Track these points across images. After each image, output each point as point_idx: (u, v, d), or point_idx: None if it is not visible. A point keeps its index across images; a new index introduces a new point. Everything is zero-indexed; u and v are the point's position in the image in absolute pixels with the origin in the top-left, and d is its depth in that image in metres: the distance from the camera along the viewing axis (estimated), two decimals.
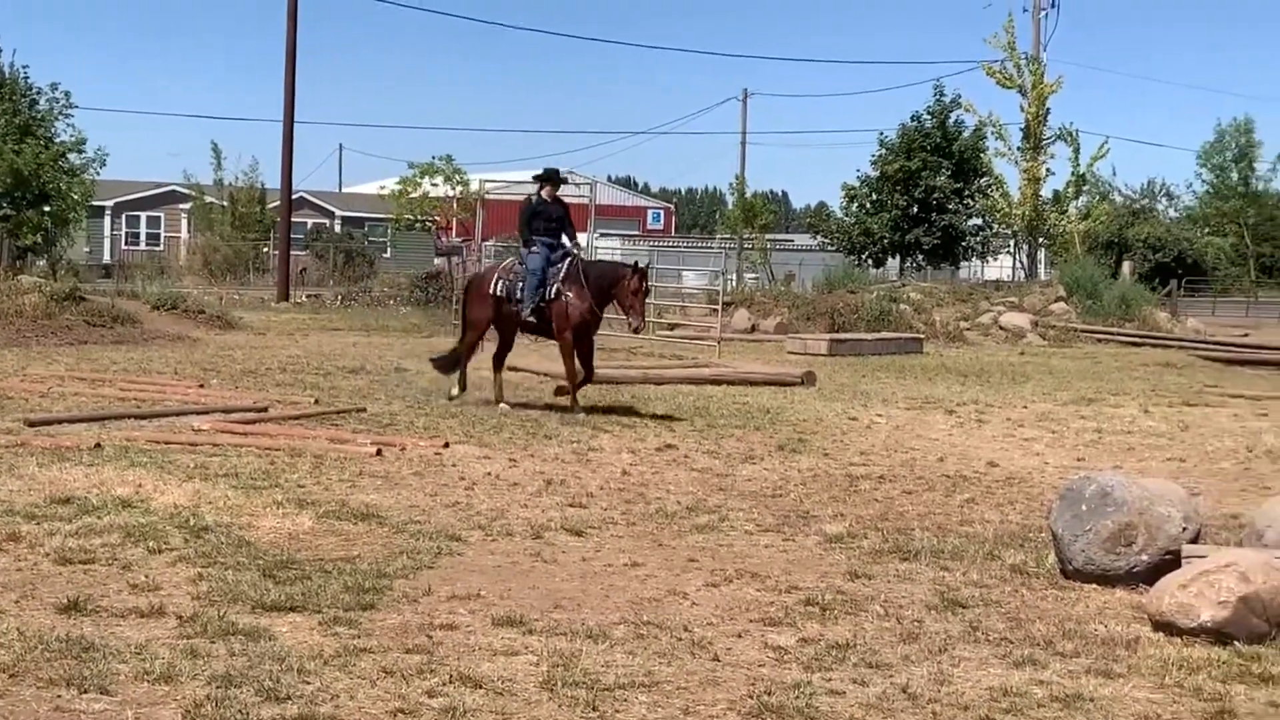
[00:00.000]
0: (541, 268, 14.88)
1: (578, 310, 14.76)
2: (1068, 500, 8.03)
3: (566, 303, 14.76)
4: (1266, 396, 20.01)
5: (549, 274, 14.86)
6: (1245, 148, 78.14)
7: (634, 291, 14.72)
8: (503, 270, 15.62)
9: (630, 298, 14.75)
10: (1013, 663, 6.28)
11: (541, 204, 15.32)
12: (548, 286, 14.82)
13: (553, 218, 15.26)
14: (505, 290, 15.19)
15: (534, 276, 14.89)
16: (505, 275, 15.36)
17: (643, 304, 15.14)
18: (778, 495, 10.64)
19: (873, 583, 7.81)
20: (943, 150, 49.12)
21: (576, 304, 14.75)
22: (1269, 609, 6.56)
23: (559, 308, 14.81)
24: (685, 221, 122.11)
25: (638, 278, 14.79)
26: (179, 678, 5.66)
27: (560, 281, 14.83)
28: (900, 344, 26.88)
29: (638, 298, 14.81)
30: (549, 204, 15.34)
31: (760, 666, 6.15)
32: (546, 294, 14.82)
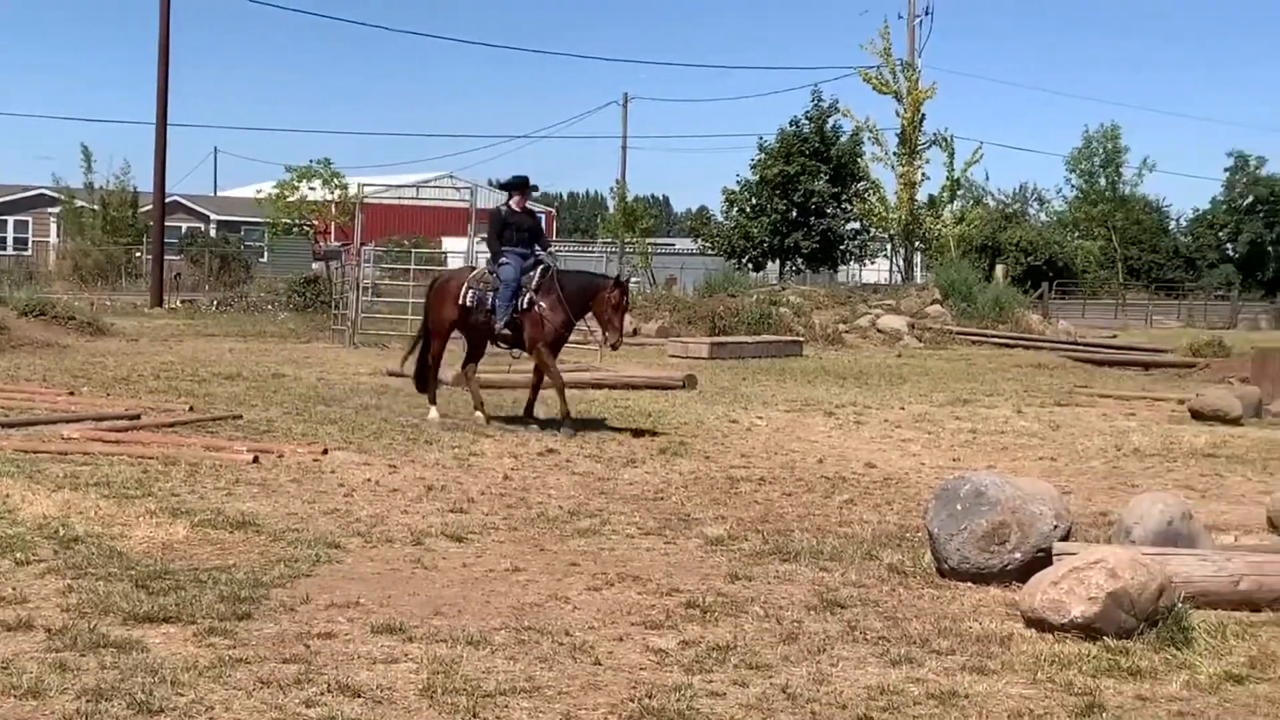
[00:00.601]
0: (515, 279, 14.36)
1: (552, 323, 14.27)
2: (943, 500, 8.15)
3: (540, 314, 14.26)
4: (1134, 396, 20.50)
5: (522, 284, 14.37)
6: (1112, 153, 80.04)
7: (614, 306, 14.13)
8: (472, 279, 14.94)
9: (610, 312, 14.15)
10: (890, 661, 6.36)
11: (511, 214, 14.78)
12: (521, 297, 14.33)
13: (524, 228, 14.77)
14: (475, 300, 14.61)
15: (507, 288, 14.35)
16: (475, 284, 14.72)
17: (622, 320, 14.51)
18: (659, 498, 10.68)
19: (753, 584, 7.86)
20: (821, 155, 49.67)
21: (551, 315, 14.24)
22: (1137, 604, 6.72)
23: (532, 319, 14.30)
24: (567, 226, 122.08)
25: (618, 292, 14.24)
26: (47, 692, 5.53)
27: (534, 291, 14.32)
28: (780, 347, 27.12)
29: (618, 313, 14.23)
30: (519, 214, 14.83)
31: (641, 669, 6.16)
32: (520, 304, 14.32)
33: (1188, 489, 11.66)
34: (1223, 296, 66.04)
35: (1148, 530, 8.14)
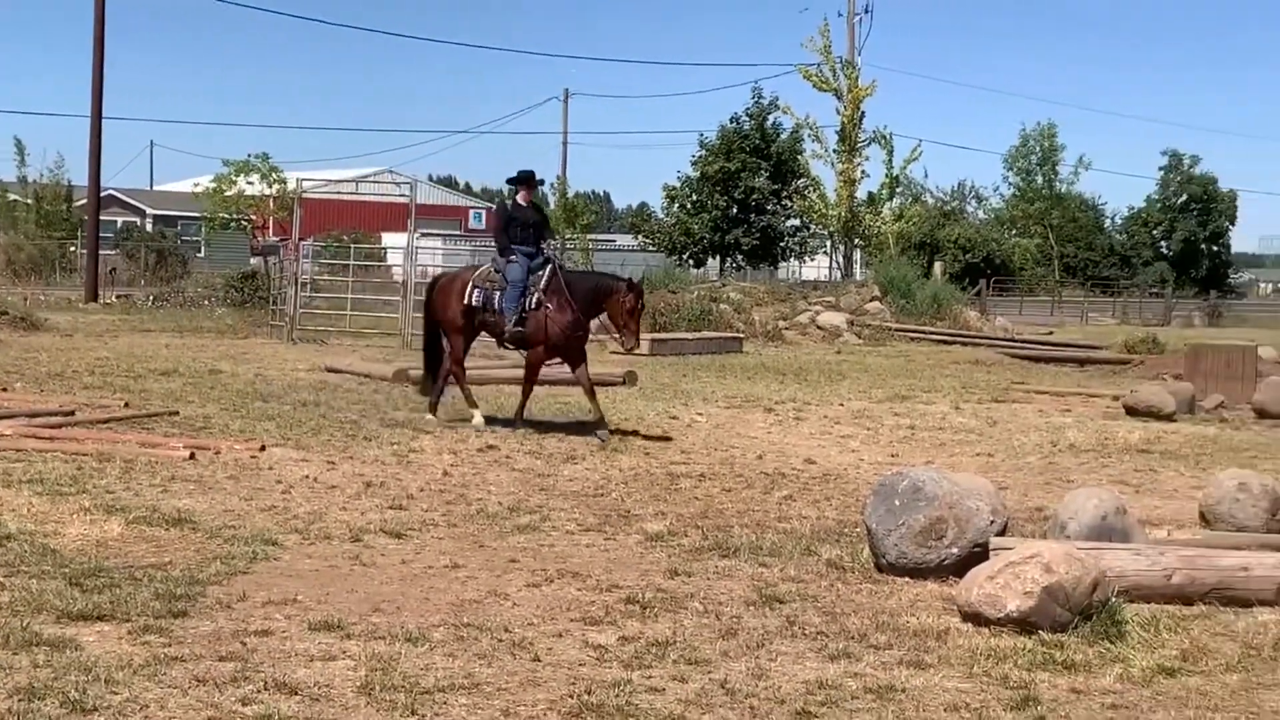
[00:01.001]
0: (523, 278, 13.90)
1: (558, 324, 13.84)
2: (881, 496, 8.21)
3: (546, 315, 13.83)
4: (1070, 393, 20.71)
5: (530, 283, 13.92)
6: (1049, 151, 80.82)
7: (629, 310, 13.74)
8: (477, 278, 14.39)
9: (625, 316, 13.77)
10: (828, 656, 6.39)
11: (517, 209, 14.38)
12: (528, 296, 13.90)
13: (529, 223, 14.30)
14: (482, 300, 14.16)
15: (515, 288, 13.92)
16: (481, 284, 14.23)
17: (638, 323, 14.06)
18: (599, 494, 10.68)
19: (693, 580, 7.88)
20: (761, 152, 49.85)
21: (558, 316, 13.82)
22: (1071, 598, 6.79)
23: (537, 320, 13.88)
24: None
25: (633, 296, 13.76)
26: None
27: (541, 291, 13.87)
28: (720, 343, 27.17)
29: (633, 317, 13.82)
30: (525, 209, 14.39)
31: (581, 665, 6.16)
32: (528, 304, 13.91)
33: (1122, 484, 11.80)
34: (1157, 294, 66.81)
35: (1083, 525, 8.23)
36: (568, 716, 5.49)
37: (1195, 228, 78.44)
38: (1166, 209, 79.95)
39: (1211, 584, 7.40)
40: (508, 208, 14.61)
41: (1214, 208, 79.24)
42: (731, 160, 49.34)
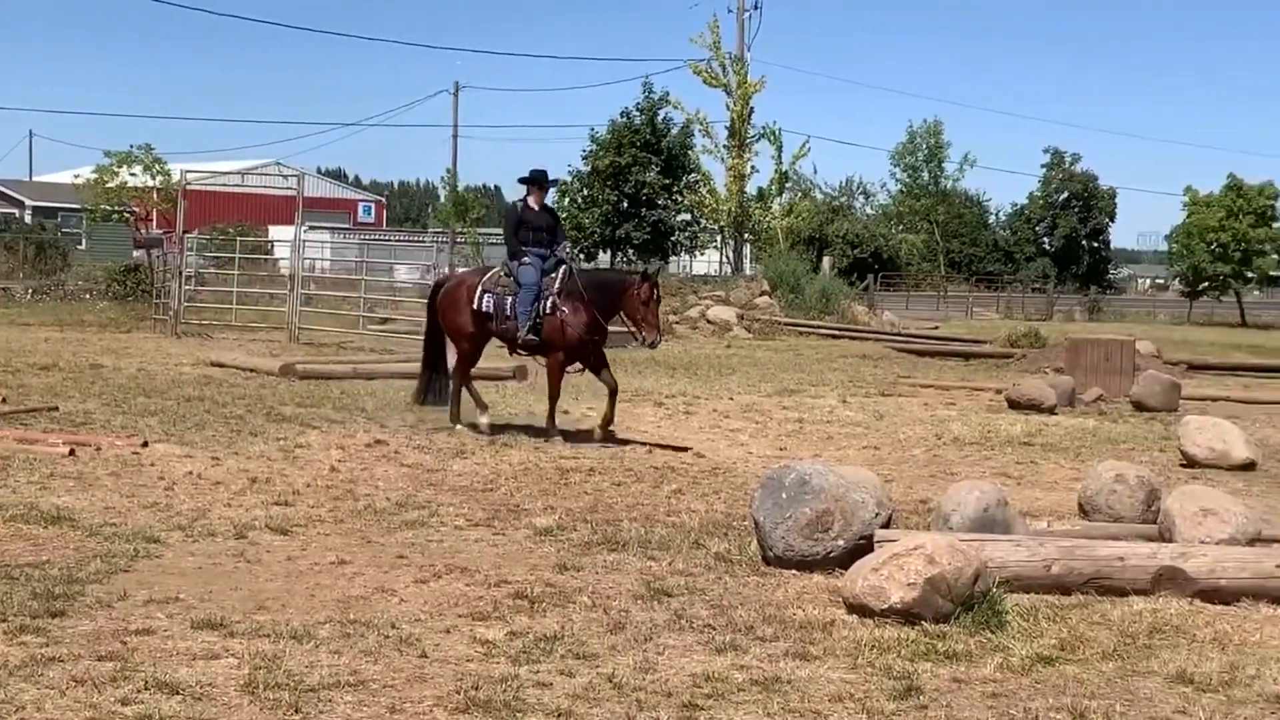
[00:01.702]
0: (536, 282, 13.40)
1: (574, 328, 13.37)
2: (769, 489, 8.27)
3: (562, 319, 13.35)
4: (954, 386, 21.02)
5: (543, 287, 13.44)
6: (935, 149, 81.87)
7: (644, 302, 13.17)
8: (487, 282, 13.82)
9: (641, 309, 13.21)
10: (715, 649, 6.43)
11: (528, 211, 13.86)
12: (542, 301, 13.40)
13: (542, 226, 13.81)
14: (492, 305, 13.63)
15: (528, 292, 13.41)
16: (492, 289, 13.68)
17: (656, 315, 13.41)
18: (488, 489, 10.64)
19: (581, 574, 7.89)
20: (652, 146, 49.95)
21: (573, 320, 13.35)
22: (953, 589, 6.89)
23: (553, 324, 13.40)
24: (397, 215, 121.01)
25: (647, 286, 13.21)
26: None
27: (555, 295, 13.39)
28: (611, 337, 27.13)
29: (649, 309, 13.22)
30: (537, 211, 13.88)
31: (468, 661, 6.14)
32: (542, 309, 13.40)
33: (1004, 476, 12.00)
34: (1039, 289, 68.09)
35: (965, 517, 8.36)
36: (455, 713, 5.47)
37: (1076, 224, 79.97)
38: (1049, 206, 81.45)
39: (1089, 574, 7.55)
40: (518, 210, 14.08)
41: (1094, 204, 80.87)
42: (622, 155, 49.39)
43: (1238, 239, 58.44)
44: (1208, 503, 8.62)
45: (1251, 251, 59.07)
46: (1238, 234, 58.36)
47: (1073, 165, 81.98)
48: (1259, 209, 59.24)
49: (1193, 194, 61.80)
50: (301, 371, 17.66)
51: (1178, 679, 6.14)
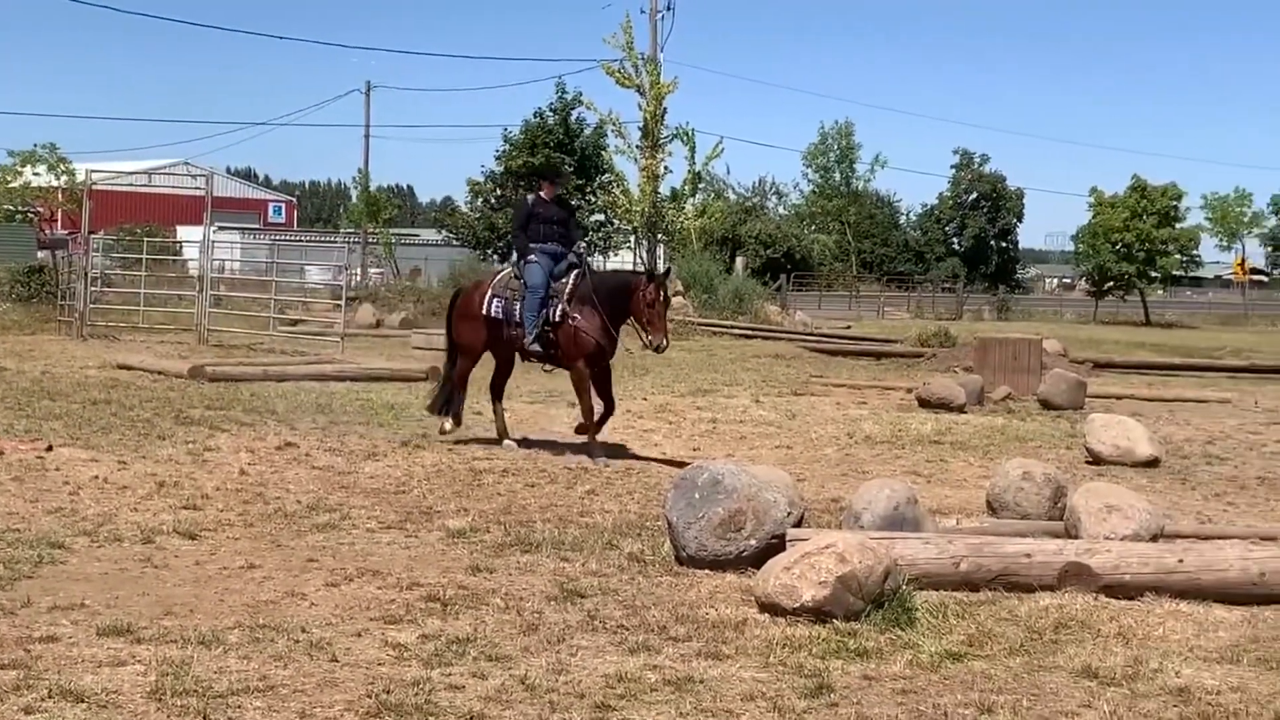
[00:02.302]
0: (543, 284, 12.52)
1: (589, 334, 12.47)
2: (682, 489, 8.30)
3: (575, 326, 12.49)
4: (866, 386, 21.20)
5: (552, 290, 12.58)
6: (846, 149, 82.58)
7: (649, 303, 12.25)
8: (497, 285, 13.05)
9: (647, 311, 12.28)
10: (628, 649, 6.44)
11: (540, 204, 12.97)
12: (551, 306, 12.55)
13: (554, 220, 12.89)
14: (502, 311, 12.83)
15: (534, 295, 12.52)
16: (501, 292, 12.89)
17: (664, 318, 12.44)
18: (401, 491, 10.58)
19: (494, 576, 7.86)
20: (565, 147, 49.97)
21: (587, 326, 12.45)
22: (864, 587, 6.96)
23: (566, 332, 12.52)
24: (308, 215, 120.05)
25: (654, 286, 12.34)
26: None
27: (566, 300, 12.53)
28: None
29: (655, 310, 12.27)
30: (549, 204, 12.99)
31: (380, 665, 6.10)
32: (551, 315, 12.54)
33: (914, 474, 12.13)
34: (949, 288, 68.85)
35: (876, 515, 8.44)
36: (366, 717, 5.43)
37: (985, 224, 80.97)
38: (958, 206, 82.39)
39: (997, 570, 7.65)
40: (528, 203, 13.28)
41: (1003, 205, 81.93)
42: (536, 155, 49.38)
43: (1142, 239, 59.39)
44: (1112, 499, 8.76)
45: (1155, 251, 60.06)
46: (1142, 234, 59.32)
47: (981, 166, 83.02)
48: (1162, 210, 60.25)
49: (1098, 195, 62.74)
50: (211, 374, 17.45)
51: (1083, 673, 6.24)
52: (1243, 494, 11.89)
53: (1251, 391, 22.34)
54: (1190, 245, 63.20)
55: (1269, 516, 10.70)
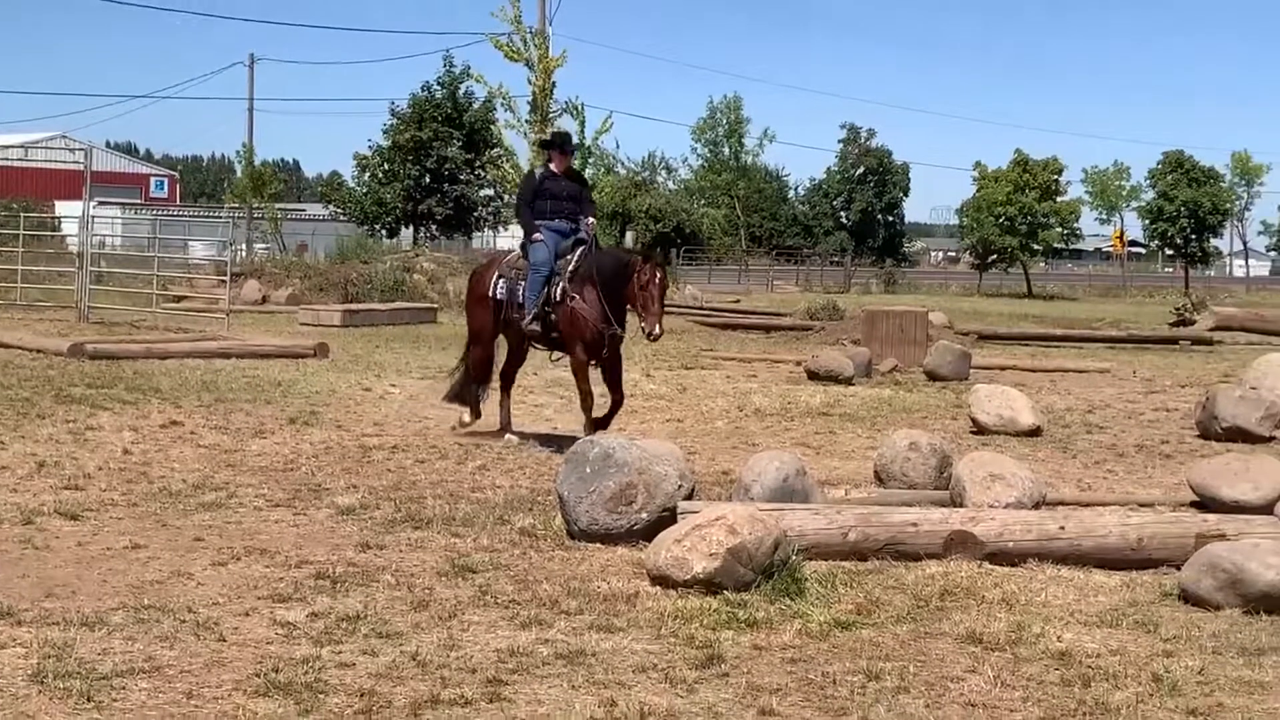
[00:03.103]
0: (547, 262, 11.71)
1: (588, 318, 11.57)
2: (573, 463, 8.30)
3: (574, 307, 11.56)
4: (755, 359, 21.35)
5: (556, 268, 11.74)
6: (735, 124, 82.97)
7: (643, 286, 11.25)
8: (504, 264, 12.30)
9: (640, 294, 11.27)
10: (520, 624, 6.44)
11: (549, 178, 12.11)
12: (553, 285, 11.73)
13: (563, 195, 12.02)
14: (507, 291, 12.05)
15: (536, 274, 11.73)
16: (506, 273, 12.12)
17: (659, 302, 11.34)
18: (289, 469, 10.47)
19: (385, 553, 7.82)
20: (454, 121, 49.60)
21: (587, 309, 11.55)
22: (754, 558, 7.02)
23: (565, 314, 11.66)
24: (192, 190, 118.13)
25: (649, 268, 11.33)
26: None
27: (568, 280, 11.64)
28: (414, 314, 26.99)
29: (647, 293, 11.24)
30: (558, 178, 12.12)
31: (268, 644, 6.04)
32: (552, 295, 11.72)
33: (804, 446, 12.24)
34: (837, 262, 69.50)
35: (765, 487, 8.51)
36: (254, 696, 5.37)
37: (872, 198, 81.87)
38: (845, 180, 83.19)
39: (885, 540, 7.76)
40: (536, 176, 12.41)
41: (889, 179, 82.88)
42: (424, 129, 48.95)
43: (1024, 212, 60.38)
44: (996, 468, 8.92)
45: (1037, 224, 61.08)
46: (1024, 207, 60.30)
47: (868, 141, 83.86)
48: (1044, 183, 61.26)
49: (982, 169, 63.65)
50: (92, 351, 17.10)
51: (968, 639, 6.35)
52: (1121, 462, 12.16)
53: (1129, 361, 22.86)
54: (1071, 218, 64.38)
55: (1147, 483, 10.96)
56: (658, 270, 11.36)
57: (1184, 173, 67.46)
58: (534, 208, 12.01)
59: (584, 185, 12.49)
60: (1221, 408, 13.37)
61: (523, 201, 12.27)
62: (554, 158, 12.28)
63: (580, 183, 12.48)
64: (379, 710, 5.25)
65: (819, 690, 5.62)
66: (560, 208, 12.00)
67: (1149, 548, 7.78)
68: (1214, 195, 67.89)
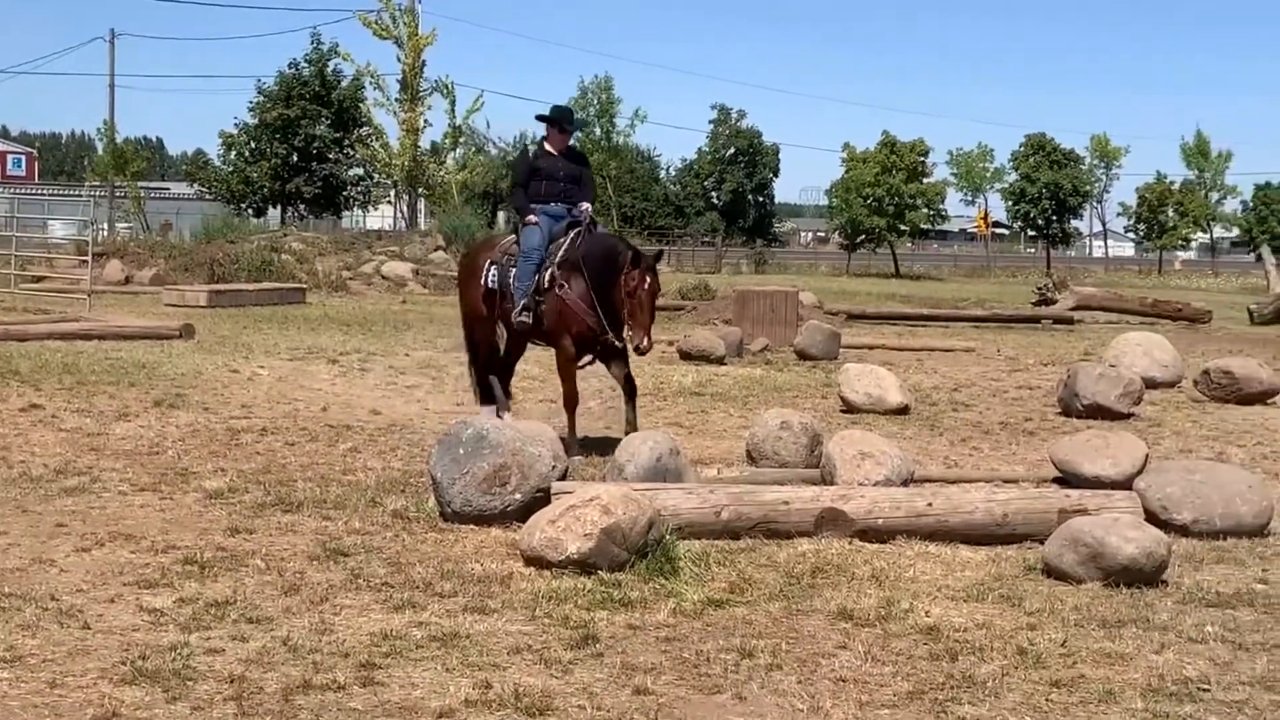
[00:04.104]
0: (539, 248, 10.67)
1: (577, 309, 10.45)
2: (446, 445, 8.25)
3: (562, 296, 10.49)
4: None
5: (548, 253, 10.69)
6: (606, 104, 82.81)
7: (630, 292, 10.00)
8: (497, 251, 11.23)
9: (628, 301, 10.04)
10: (393, 607, 6.39)
11: (543, 157, 11.09)
12: (542, 272, 10.67)
13: (560, 176, 10.99)
14: (498, 279, 11.01)
15: (527, 261, 10.68)
16: (500, 258, 11.07)
17: (649, 312, 10.04)
18: (154, 453, 10.27)
19: (254, 537, 7.71)
20: (322, 99, 48.97)
21: (576, 298, 10.43)
22: (628, 538, 7.04)
23: (553, 304, 10.57)
24: (51, 168, 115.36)
25: (639, 273, 9.99)
26: None
27: (557, 265, 10.57)
28: (283, 294, 26.61)
29: (636, 300, 9.99)
30: (554, 158, 11.06)
31: (135, 631, 5.93)
32: (541, 283, 10.65)
33: (677, 426, 12.31)
34: (709, 242, 69.88)
35: (639, 467, 8.54)
36: (120, 684, 5.27)
37: (743, 179, 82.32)
38: (717, 161, 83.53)
39: (757, 518, 7.83)
40: (530, 155, 11.44)
41: (759, 160, 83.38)
42: (291, 107, 48.24)
43: (892, 193, 61.21)
44: (865, 446, 9.04)
45: (904, 205, 61.96)
46: (892, 189, 61.12)
47: (739, 122, 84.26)
48: (911, 165, 62.15)
49: (850, 150, 64.40)
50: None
51: (839, 615, 6.44)
52: (987, 439, 12.40)
53: (994, 340, 23.32)
54: (937, 200, 65.42)
55: (1011, 460, 11.20)
56: (647, 276, 10.00)
57: (1045, 155, 68.98)
58: (529, 189, 11.00)
59: (585, 165, 11.37)
60: (1082, 385, 13.69)
61: (516, 183, 11.30)
62: (551, 135, 11.13)
63: (581, 163, 11.34)
64: (249, 696, 5.18)
65: (693, 668, 5.66)
66: (557, 190, 10.96)
67: (1014, 523, 7.94)
68: (1074, 177, 69.53)
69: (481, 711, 5.11)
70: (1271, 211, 76.56)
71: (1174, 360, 16.67)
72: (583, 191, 11.06)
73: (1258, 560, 7.77)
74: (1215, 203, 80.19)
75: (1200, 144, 79.02)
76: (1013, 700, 5.37)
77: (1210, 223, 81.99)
